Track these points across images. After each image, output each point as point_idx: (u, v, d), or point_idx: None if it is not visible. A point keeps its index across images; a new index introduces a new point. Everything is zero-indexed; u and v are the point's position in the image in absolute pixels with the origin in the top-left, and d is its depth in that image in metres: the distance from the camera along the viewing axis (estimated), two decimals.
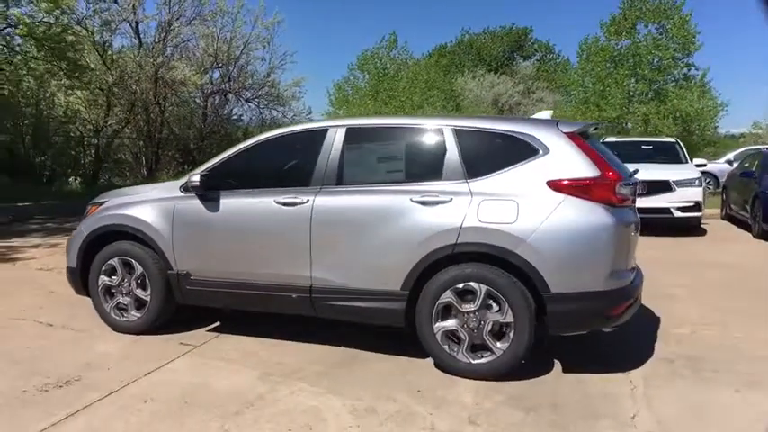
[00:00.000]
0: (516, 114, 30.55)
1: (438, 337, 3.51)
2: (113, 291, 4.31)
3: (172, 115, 19.63)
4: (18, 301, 5.16)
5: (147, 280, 4.19)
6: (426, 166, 3.74)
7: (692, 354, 3.93)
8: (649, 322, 4.61)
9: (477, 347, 3.46)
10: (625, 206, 3.51)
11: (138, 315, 4.25)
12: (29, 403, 3.13)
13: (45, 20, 10.93)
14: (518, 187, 3.42)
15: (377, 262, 3.60)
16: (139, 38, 17.76)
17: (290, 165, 4.12)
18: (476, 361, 3.44)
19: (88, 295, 4.41)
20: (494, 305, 3.40)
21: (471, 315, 3.43)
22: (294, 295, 3.81)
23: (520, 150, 3.49)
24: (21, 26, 9.95)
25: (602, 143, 11.00)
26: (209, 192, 4.00)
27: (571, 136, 3.47)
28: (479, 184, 3.49)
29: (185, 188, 4.05)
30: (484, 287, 3.38)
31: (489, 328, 3.41)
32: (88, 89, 14.76)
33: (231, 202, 3.97)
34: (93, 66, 15.98)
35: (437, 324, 3.51)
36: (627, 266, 3.47)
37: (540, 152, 3.45)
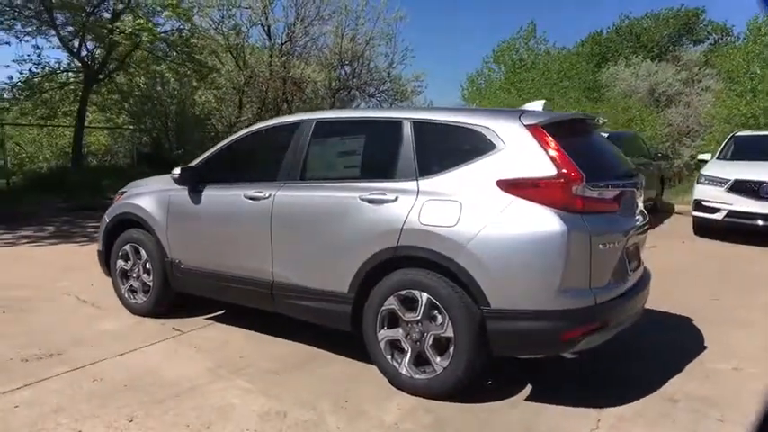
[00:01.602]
0: (677, 106, 27.48)
1: (382, 345, 3.26)
2: (128, 274, 4.64)
3: (301, 111, 20.75)
4: (79, 278, 5.78)
5: (150, 266, 4.45)
6: (381, 163, 3.47)
7: (711, 395, 3.21)
8: (686, 350, 3.87)
9: (422, 361, 3.16)
10: (596, 212, 2.95)
11: (144, 298, 4.53)
12: (2, 371, 3.48)
13: (175, 28, 12.15)
14: (465, 186, 3.04)
15: (326, 262, 3.44)
16: (270, 39, 18.96)
17: (264, 159, 4.11)
18: (417, 376, 3.14)
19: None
20: (438, 317, 3.07)
21: (415, 325, 3.14)
22: (259, 290, 3.79)
23: (475, 145, 3.10)
24: (146, 33, 11.18)
25: (736, 136, 9.59)
26: (198, 184, 4.13)
27: (534, 129, 2.98)
28: (429, 182, 3.16)
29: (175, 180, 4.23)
30: (425, 296, 3.07)
31: (431, 342, 3.09)
32: (218, 89, 16.08)
33: (210, 195, 4.06)
34: (228, 67, 17.47)
35: (381, 332, 3.26)
36: (591, 284, 2.89)
37: (496, 147, 3.03)
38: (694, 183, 9.06)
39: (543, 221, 2.81)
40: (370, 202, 3.27)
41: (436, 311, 3.06)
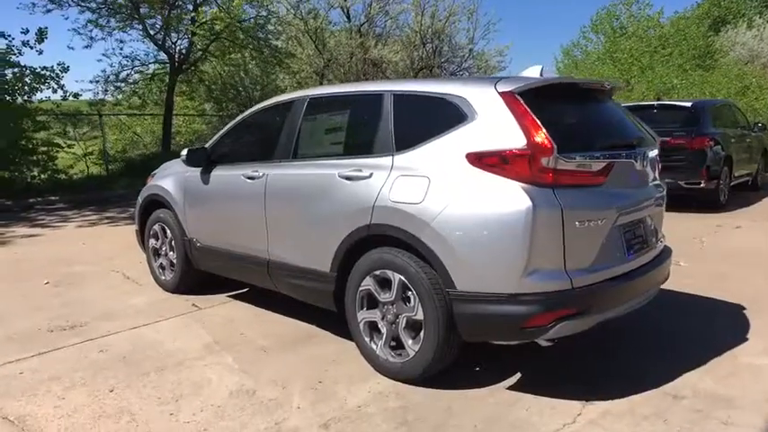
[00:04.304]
0: None
1: (361, 326, 3.17)
2: (159, 252, 4.88)
3: None
4: (133, 256, 6.11)
5: (174, 244, 4.65)
6: (363, 138, 3.34)
7: (726, 394, 2.82)
8: (719, 342, 3.44)
9: (397, 344, 3.03)
10: (573, 186, 2.64)
11: (171, 276, 4.75)
12: (26, 340, 3.78)
13: (252, 16, 12.52)
14: (435, 161, 2.84)
15: (310, 240, 3.39)
16: (350, 20, 19.03)
17: (262, 138, 4.10)
18: (392, 359, 3.02)
19: None
20: (411, 299, 2.92)
21: (390, 307, 3.01)
22: (258, 269, 3.83)
23: (449, 116, 2.87)
24: (217, 21, 11.63)
25: None
26: (209, 165, 4.23)
27: (507, 96, 2.71)
28: (403, 157, 2.99)
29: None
30: (398, 277, 2.92)
31: (404, 324, 2.96)
32: (295, 73, 16.43)
33: (217, 175, 4.14)
34: (308, 51, 17.80)
35: (360, 313, 3.16)
36: (566, 265, 2.59)
37: (468, 118, 2.80)
38: None
39: (507, 197, 2.56)
40: (347, 178, 3.17)
41: (409, 293, 2.91)
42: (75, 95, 12.38)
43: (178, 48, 13.85)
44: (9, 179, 11.30)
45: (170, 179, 4.62)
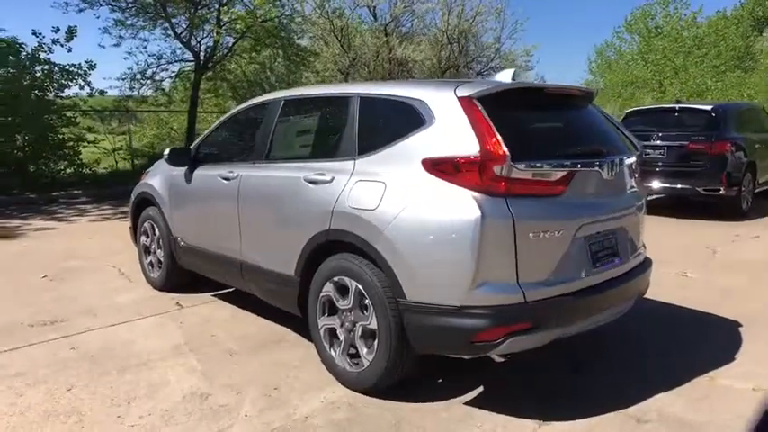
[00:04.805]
0: None
1: (322, 333, 3.11)
2: (149, 249, 4.92)
3: None
4: (131, 252, 6.18)
5: (161, 242, 4.67)
6: (329, 141, 3.28)
7: (694, 420, 2.66)
8: (702, 361, 3.26)
9: (355, 353, 2.96)
10: (528, 196, 2.52)
11: (158, 273, 4.78)
12: (5, 334, 3.82)
13: (266, 13, 12.57)
14: (393, 166, 2.75)
15: (277, 243, 3.35)
16: (376, 19, 18.98)
17: (240, 139, 4.08)
18: (349, 368, 2.95)
19: None
20: (367, 307, 2.84)
21: (348, 314, 2.94)
22: (233, 270, 3.81)
23: (409, 120, 2.78)
24: (239, 21, 11.72)
25: None
26: (192, 165, 4.23)
27: (465, 101, 2.60)
28: (364, 161, 2.91)
29: None
30: (354, 284, 2.85)
31: (360, 333, 2.88)
32: (317, 72, 16.47)
33: (198, 175, 4.13)
34: (334, 50, 17.83)
35: (321, 319, 3.10)
36: (519, 278, 2.47)
37: (426, 122, 2.70)
38: None
39: (457, 206, 2.46)
40: (311, 182, 3.11)
41: (366, 301, 2.83)
42: (101, 92, 12.67)
43: (203, 46, 14.02)
44: (36, 173, 11.63)
45: (159, 178, 4.64)
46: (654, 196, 9.43)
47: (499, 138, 2.45)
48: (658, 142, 8.38)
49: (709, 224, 7.78)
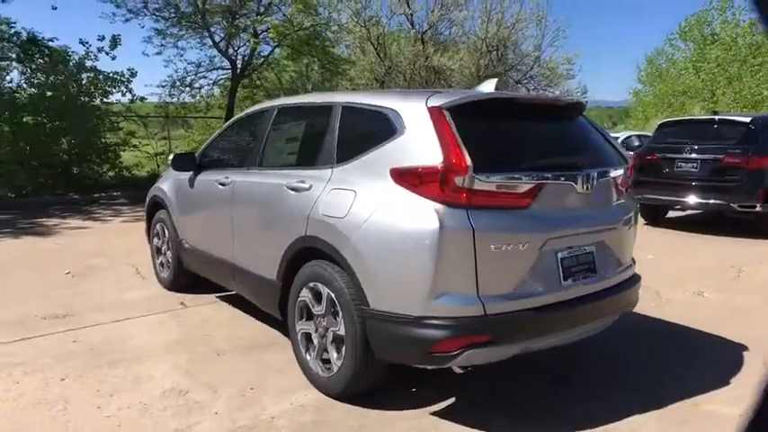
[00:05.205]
0: None
1: (299, 337, 3.18)
2: (160, 250, 5.11)
3: None
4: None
5: (170, 244, 4.86)
6: (312, 149, 3.34)
7: None
8: (689, 384, 3.15)
9: (327, 358, 3.01)
10: (491, 207, 2.51)
11: (167, 273, 4.97)
12: (19, 325, 4.06)
13: (302, 22, 12.85)
14: (364, 175, 2.81)
15: (262, 248, 3.45)
16: (413, 27, 19.07)
17: (238, 146, 4.21)
18: (321, 373, 3.01)
19: None
20: (338, 313, 2.89)
21: (322, 320, 3.00)
22: (226, 272, 3.93)
23: (383, 129, 2.82)
24: (271, 30, 12.02)
25: None
26: (196, 170, 4.39)
27: (434, 111, 2.62)
28: (340, 170, 2.98)
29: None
30: (326, 290, 2.91)
31: (331, 339, 2.93)
32: (351, 80, 16.66)
33: (200, 180, 4.29)
34: (371, 58, 18.01)
35: (298, 323, 3.17)
36: (480, 290, 2.46)
37: (397, 132, 2.74)
38: None
39: (417, 216, 2.49)
40: (293, 189, 3.19)
41: (337, 307, 2.88)
42: (141, 99, 13.21)
43: (240, 55, 14.43)
44: (79, 174, 12.21)
45: (168, 182, 4.84)
46: (686, 212, 9.13)
47: (462, 149, 2.47)
48: (693, 155, 8.10)
49: (739, 242, 7.47)
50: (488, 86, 3.09)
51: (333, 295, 2.85)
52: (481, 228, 2.45)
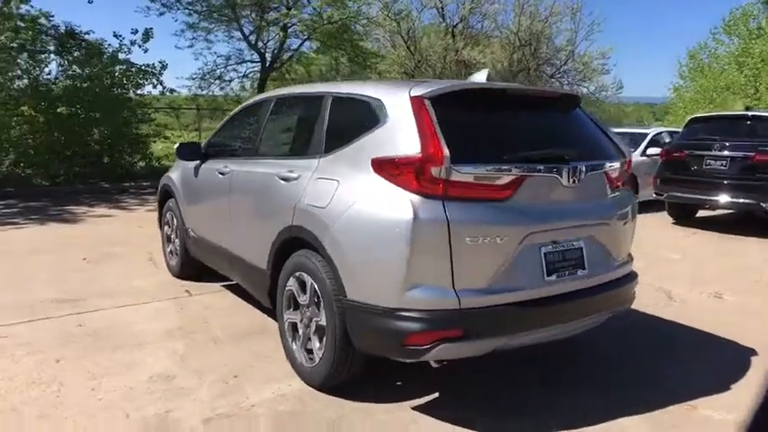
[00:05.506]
0: None
1: (286, 326, 3.18)
2: (170, 238, 5.21)
3: None
4: None
5: (178, 232, 4.94)
6: (303, 139, 3.34)
7: None
8: (697, 387, 3.02)
9: (311, 348, 3.01)
10: (469, 199, 2.45)
11: (176, 261, 5.05)
12: (30, 307, 4.19)
13: (332, 15, 12.88)
14: (347, 164, 2.78)
15: (255, 236, 3.46)
16: (445, 20, 18.91)
17: (240, 135, 4.23)
18: (305, 363, 3.00)
19: None
20: (321, 302, 2.88)
21: (306, 310, 3.00)
22: (225, 260, 3.97)
23: (368, 119, 2.79)
24: (298, 24, 12.10)
25: None
26: (200, 160, 4.44)
27: (416, 101, 2.58)
28: (326, 159, 2.96)
29: None
30: (310, 280, 2.90)
31: (314, 329, 2.92)
32: (379, 74, 16.64)
33: (203, 169, 4.34)
34: (401, 51, 17.95)
35: (286, 313, 3.18)
36: (455, 284, 2.41)
37: (380, 122, 2.70)
38: None
39: (393, 206, 2.45)
40: (283, 179, 3.20)
41: (319, 297, 2.87)
42: (171, 91, 13.49)
43: (269, 48, 14.58)
44: (110, 164, 12.54)
45: (177, 171, 4.91)
46: (716, 211, 8.80)
47: (440, 139, 2.42)
48: (722, 152, 7.80)
49: None
50: (480, 77, 3.03)
51: (316, 285, 2.84)
52: (457, 220, 2.39)
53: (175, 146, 4.54)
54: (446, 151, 2.39)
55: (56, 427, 2.60)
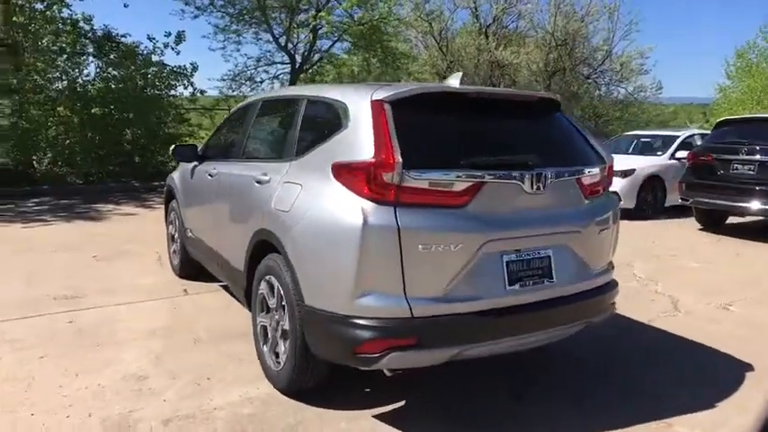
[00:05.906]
0: None
1: (258, 329, 3.18)
2: (174, 238, 5.29)
3: None
4: None
5: (179, 232, 5.02)
6: (279, 142, 3.33)
7: None
8: (677, 403, 2.87)
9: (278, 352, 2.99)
10: (422, 206, 2.38)
11: (177, 260, 5.13)
12: (28, 303, 4.33)
13: (363, 17, 12.91)
14: (313, 168, 2.75)
15: (233, 238, 3.48)
16: (478, 20, 18.69)
17: (229, 138, 4.24)
18: (273, 367, 2.99)
19: None
20: (286, 307, 2.86)
21: (275, 313, 2.98)
22: (215, 260, 4.00)
23: (333, 123, 2.75)
24: (325, 26, 12.15)
25: None
26: (197, 161, 4.49)
27: (376, 105, 2.51)
28: (295, 163, 2.94)
29: None
30: (277, 284, 2.89)
31: (280, 333, 2.91)
32: (410, 74, 16.57)
33: (198, 171, 4.39)
34: (433, 52, 17.84)
35: (258, 316, 3.17)
36: (407, 291, 2.34)
37: (343, 126, 2.66)
38: None
39: (344, 212, 2.40)
40: (257, 182, 3.19)
41: (284, 301, 2.85)
42: (202, 92, 13.75)
43: (299, 50, 14.72)
44: (141, 163, 12.90)
45: (179, 172, 4.99)
46: (744, 218, 8.39)
47: (394, 144, 2.36)
48: (751, 156, 7.42)
49: None
50: (453, 81, 2.95)
51: (281, 290, 2.82)
52: (408, 226, 2.33)
53: (171, 148, 4.62)
54: (398, 157, 2.33)
55: (15, 424, 2.65)
